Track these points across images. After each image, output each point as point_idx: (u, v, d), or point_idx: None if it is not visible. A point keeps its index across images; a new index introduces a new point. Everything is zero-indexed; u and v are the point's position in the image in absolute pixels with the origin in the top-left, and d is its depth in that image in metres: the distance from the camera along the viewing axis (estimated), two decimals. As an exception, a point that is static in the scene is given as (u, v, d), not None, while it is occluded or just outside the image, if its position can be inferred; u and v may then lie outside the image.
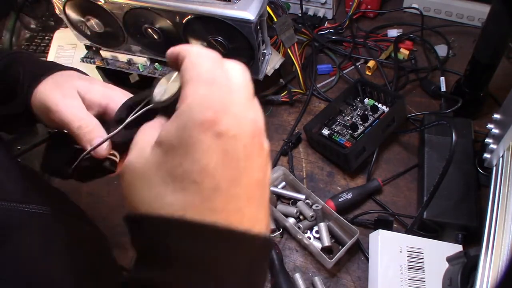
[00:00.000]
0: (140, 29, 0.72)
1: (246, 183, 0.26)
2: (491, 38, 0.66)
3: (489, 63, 0.69)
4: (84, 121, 0.40)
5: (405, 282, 0.58)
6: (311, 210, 0.68)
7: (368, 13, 0.98)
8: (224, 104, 0.25)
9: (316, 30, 0.95)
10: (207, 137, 0.24)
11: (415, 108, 0.82)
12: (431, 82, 0.83)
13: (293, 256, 0.67)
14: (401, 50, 0.89)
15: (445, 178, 0.60)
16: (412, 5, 0.95)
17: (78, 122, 0.40)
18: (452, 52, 0.89)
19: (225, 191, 0.25)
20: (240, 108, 0.26)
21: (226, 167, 0.25)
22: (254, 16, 0.64)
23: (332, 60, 0.92)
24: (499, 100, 0.78)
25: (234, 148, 0.25)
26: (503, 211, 0.52)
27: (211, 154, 0.25)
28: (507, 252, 0.48)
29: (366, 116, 0.77)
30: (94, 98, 0.42)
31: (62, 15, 0.76)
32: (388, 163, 0.76)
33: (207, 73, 0.26)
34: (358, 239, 0.65)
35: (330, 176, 0.76)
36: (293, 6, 0.99)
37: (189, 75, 0.27)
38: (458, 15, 0.93)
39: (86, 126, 0.40)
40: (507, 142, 0.58)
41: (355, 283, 0.64)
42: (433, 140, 0.72)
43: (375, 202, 0.72)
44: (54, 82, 0.43)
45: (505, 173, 0.57)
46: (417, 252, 0.61)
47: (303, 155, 0.79)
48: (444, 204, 0.64)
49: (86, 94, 0.42)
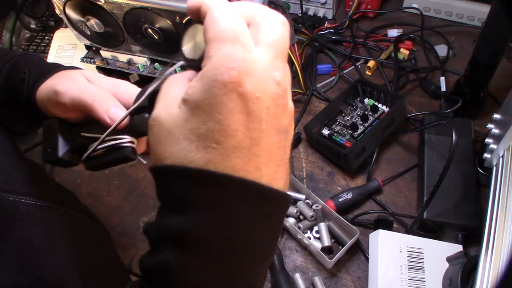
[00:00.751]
0: (140, 29, 0.72)
1: (267, 144, 0.27)
2: (491, 38, 0.66)
3: (489, 63, 0.69)
4: (96, 92, 0.39)
5: (405, 282, 0.58)
6: (311, 210, 0.68)
7: (368, 13, 0.98)
8: (248, 64, 0.25)
9: (316, 30, 0.95)
10: (231, 98, 0.25)
11: (415, 108, 0.82)
12: (431, 82, 0.83)
13: (293, 256, 0.67)
14: (401, 50, 0.89)
15: (445, 178, 0.60)
16: (412, 5, 0.95)
17: (90, 94, 0.38)
18: (452, 52, 0.89)
19: (245, 150, 0.26)
20: (265, 68, 0.26)
21: (248, 128, 0.26)
22: (254, 16, 0.64)
23: (332, 60, 0.92)
24: (499, 100, 0.78)
25: (257, 109, 0.26)
26: (503, 211, 0.52)
27: (234, 115, 0.25)
28: (507, 252, 0.48)
29: (366, 116, 0.77)
30: (102, 85, 0.41)
31: (62, 15, 0.76)
32: (388, 163, 0.76)
33: (230, 30, 0.26)
34: (358, 239, 0.65)
35: (330, 176, 0.76)
36: (293, 6, 0.99)
37: (212, 32, 0.26)
38: (458, 15, 0.93)
39: (101, 97, 0.38)
40: (507, 142, 0.58)
41: (355, 283, 0.64)
42: (433, 140, 0.72)
43: (375, 202, 0.72)
44: (60, 74, 0.42)
45: (505, 173, 0.57)
46: (417, 252, 0.61)
47: (303, 155, 0.79)
48: (444, 204, 0.64)
49: (95, 81, 0.41)
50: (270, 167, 0.27)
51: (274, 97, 0.26)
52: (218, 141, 0.25)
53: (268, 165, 0.27)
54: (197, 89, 0.26)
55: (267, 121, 0.26)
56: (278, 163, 0.28)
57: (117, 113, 0.37)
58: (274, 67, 0.27)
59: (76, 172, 0.81)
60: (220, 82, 0.25)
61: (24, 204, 0.41)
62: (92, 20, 0.74)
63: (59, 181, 0.69)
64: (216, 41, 0.26)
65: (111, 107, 0.38)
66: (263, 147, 0.26)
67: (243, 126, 0.26)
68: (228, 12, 0.27)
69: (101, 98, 0.38)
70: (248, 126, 0.26)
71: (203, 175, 0.26)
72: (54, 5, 0.74)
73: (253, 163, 0.26)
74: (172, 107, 0.27)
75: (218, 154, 0.26)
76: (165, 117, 0.27)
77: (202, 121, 0.26)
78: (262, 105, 0.26)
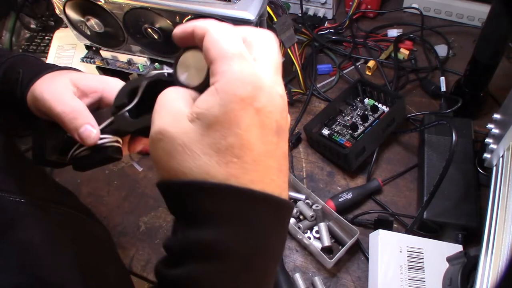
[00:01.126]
0: (140, 29, 0.72)
1: (278, 156, 0.29)
2: (491, 38, 0.66)
3: (489, 63, 0.69)
4: (67, 106, 0.38)
5: (405, 282, 0.58)
6: (311, 210, 0.68)
7: (368, 13, 0.98)
8: (258, 79, 0.27)
9: (316, 30, 0.95)
10: (248, 113, 0.26)
11: (415, 108, 0.82)
12: (431, 82, 0.83)
13: (293, 256, 0.67)
14: (401, 50, 0.89)
15: (445, 178, 0.60)
16: (412, 5, 0.95)
17: (61, 107, 0.38)
18: (452, 52, 0.89)
19: (262, 163, 0.27)
20: (271, 83, 0.27)
21: (263, 142, 0.27)
22: (254, 16, 0.64)
23: (332, 60, 0.92)
24: (499, 100, 0.78)
25: (270, 123, 0.27)
26: (503, 211, 0.52)
27: (252, 129, 0.26)
28: (507, 252, 0.48)
29: (366, 116, 0.77)
30: (89, 85, 0.41)
31: (62, 15, 0.76)
32: (388, 163, 0.76)
33: (235, 48, 0.27)
34: (358, 239, 0.65)
35: (330, 176, 0.76)
36: (293, 6, 0.99)
37: (217, 51, 0.27)
38: (458, 15, 0.93)
39: (70, 112, 0.38)
40: (507, 142, 0.58)
41: (355, 283, 0.64)
42: (433, 140, 0.72)
43: (375, 202, 0.72)
44: (47, 77, 0.42)
45: (505, 173, 0.57)
46: (417, 252, 0.61)
47: (303, 155, 0.79)
48: (444, 204, 0.64)
49: (81, 82, 0.41)
50: (280, 177, 0.29)
51: (281, 109, 0.28)
52: (238, 156, 0.26)
53: (279, 176, 0.29)
54: (214, 104, 0.26)
55: (277, 134, 0.28)
56: (285, 173, 0.30)
57: (87, 131, 0.37)
58: (277, 82, 0.28)
59: (76, 172, 0.80)
60: (238, 97, 0.26)
61: (24, 204, 0.41)
62: (92, 20, 0.74)
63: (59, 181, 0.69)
64: (224, 58, 0.27)
65: (80, 125, 0.38)
66: (275, 158, 0.28)
67: (260, 140, 0.27)
68: (226, 31, 0.28)
69: (72, 114, 0.38)
70: (263, 139, 0.27)
71: (226, 190, 0.27)
72: (54, 5, 0.74)
73: (269, 176, 0.28)
74: (182, 121, 0.27)
75: (238, 168, 0.27)
76: (176, 132, 0.27)
77: (222, 136, 0.26)
78: (273, 118, 0.27)
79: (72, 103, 0.39)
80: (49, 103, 0.38)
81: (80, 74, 0.43)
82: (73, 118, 0.38)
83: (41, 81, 0.41)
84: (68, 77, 0.41)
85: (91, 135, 0.37)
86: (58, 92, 0.39)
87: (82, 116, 0.38)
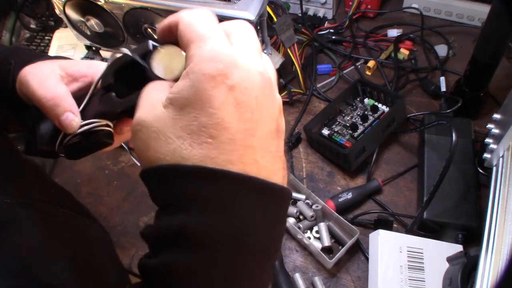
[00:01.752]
0: (140, 29, 0.72)
1: (261, 135, 0.27)
2: (491, 38, 0.66)
3: (489, 63, 0.69)
4: (49, 92, 0.37)
5: (405, 282, 0.58)
6: (311, 210, 0.68)
7: (368, 13, 0.98)
8: (232, 57, 0.26)
9: (316, 30, 0.95)
10: (221, 91, 0.25)
11: (415, 108, 0.82)
12: (431, 82, 0.83)
13: (293, 256, 0.67)
14: (401, 50, 0.89)
15: (445, 178, 0.60)
16: (412, 5, 0.95)
17: (42, 91, 0.37)
18: (452, 52, 0.89)
19: (240, 142, 0.26)
20: (248, 61, 0.27)
21: (240, 119, 0.26)
22: (254, 16, 0.64)
23: (332, 60, 0.92)
24: (499, 100, 0.78)
25: (247, 100, 0.26)
26: (503, 211, 0.52)
27: (226, 107, 0.25)
28: (507, 252, 0.48)
29: (366, 116, 0.77)
30: (78, 70, 0.40)
31: (62, 15, 0.76)
32: (388, 163, 0.76)
33: (207, 29, 0.27)
34: (358, 239, 0.65)
35: (330, 176, 0.76)
36: (293, 6, 0.99)
37: (189, 36, 0.27)
38: (458, 15, 0.93)
39: (52, 98, 0.37)
40: (507, 142, 0.58)
41: (355, 283, 0.64)
42: (433, 140, 0.72)
43: (375, 202, 0.72)
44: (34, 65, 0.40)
45: (505, 173, 0.57)
46: (417, 252, 0.61)
47: (303, 155, 0.79)
48: (444, 204, 0.64)
49: (70, 67, 0.40)
50: (267, 159, 0.27)
51: (261, 86, 0.27)
52: (212, 135, 0.25)
53: (265, 157, 0.27)
54: (184, 86, 0.26)
55: (258, 111, 0.26)
56: (274, 155, 0.28)
57: (68, 119, 0.36)
58: (256, 60, 0.27)
59: (76, 172, 0.81)
60: (208, 75, 0.25)
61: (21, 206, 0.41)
62: (92, 20, 0.74)
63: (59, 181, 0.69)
64: (195, 41, 0.26)
65: (61, 113, 0.36)
66: (257, 137, 0.27)
67: (236, 117, 0.26)
68: (199, 15, 0.28)
69: (53, 100, 0.37)
70: (241, 117, 0.26)
71: (201, 172, 0.25)
72: (54, 5, 0.74)
73: (250, 156, 0.26)
74: (157, 109, 0.27)
75: (214, 149, 0.25)
76: (150, 120, 0.27)
77: (194, 117, 0.25)
78: (251, 94, 0.26)
79: (55, 89, 0.37)
80: (32, 87, 0.37)
81: (70, 60, 0.42)
82: (54, 105, 0.37)
83: (29, 66, 0.40)
84: (56, 63, 0.40)
85: (72, 123, 0.36)
86: (42, 76, 0.38)
87: (64, 102, 0.37)
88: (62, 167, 0.82)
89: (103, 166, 0.81)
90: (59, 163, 0.82)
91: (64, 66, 0.41)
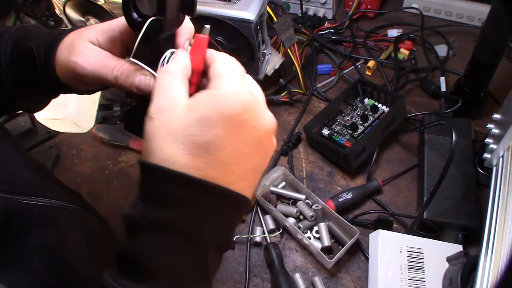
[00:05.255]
0: (140, 29, 0.72)
1: (245, 166, 0.32)
2: (491, 38, 0.66)
3: (489, 63, 0.69)
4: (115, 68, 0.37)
5: (405, 282, 0.58)
6: (311, 210, 0.68)
7: (368, 13, 0.98)
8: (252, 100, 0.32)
9: (316, 30, 0.95)
10: (232, 123, 0.30)
11: (415, 108, 0.82)
12: (431, 82, 0.83)
13: (293, 256, 0.67)
14: (401, 50, 0.89)
15: (445, 178, 0.60)
16: (412, 5, 0.95)
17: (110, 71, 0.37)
18: (452, 52, 0.89)
19: (227, 167, 0.31)
20: (260, 108, 0.33)
21: (237, 150, 0.31)
22: (254, 16, 0.64)
23: (332, 60, 0.92)
24: (499, 100, 0.78)
25: (249, 136, 0.31)
26: (503, 211, 0.52)
27: (231, 136, 0.30)
28: (507, 252, 0.48)
29: (366, 116, 0.77)
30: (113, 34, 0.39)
31: (62, 15, 0.76)
32: (388, 163, 0.76)
33: (241, 70, 0.33)
34: (358, 239, 0.65)
35: (330, 176, 0.76)
36: (293, 6, 0.99)
37: (225, 68, 0.33)
38: (458, 15, 0.93)
39: (121, 72, 0.37)
40: (507, 142, 0.58)
41: (355, 283, 0.64)
42: (433, 140, 0.72)
43: (375, 202, 0.72)
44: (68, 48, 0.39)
45: (505, 173, 0.57)
46: (417, 252, 0.61)
47: (303, 155, 0.79)
48: (444, 204, 0.64)
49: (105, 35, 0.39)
50: (241, 183, 0.32)
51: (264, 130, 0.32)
52: (210, 152, 0.30)
53: (240, 182, 0.32)
54: (209, 104, 0.30)
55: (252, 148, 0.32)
56: (250, 184, 0.33)
57: (142, 81, 0.36)
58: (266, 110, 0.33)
59: (76, 172, 0.81)
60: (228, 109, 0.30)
61: (36, 205, 0.42)
62: (92, 20, 0.74)
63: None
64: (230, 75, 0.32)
65: (134, 80, 0.36)
66: (241, 168, 0.32)
67: (234, 147, 0.31)
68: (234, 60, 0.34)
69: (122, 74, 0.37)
70: (238, 148, 0.31)
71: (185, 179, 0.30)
72: (54, 5, 0.74)
73: (229, 178, 0.31)
74: (178, 109, 0.31)
75: (204, 163, 0.30)
76: (170, 116, 0.30)
77: (205, 132, 0.30)
78: (254, 134, 0.32)
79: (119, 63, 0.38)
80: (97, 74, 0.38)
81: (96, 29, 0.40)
82: (125, 78, 0.37)
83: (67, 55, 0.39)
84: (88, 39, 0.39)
85: (146, 81, 0.36)
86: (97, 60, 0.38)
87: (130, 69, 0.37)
88: (62, 167, 0.81)
89: (103, 166, 0.81)
90: (59, 163, 0.82)
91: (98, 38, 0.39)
